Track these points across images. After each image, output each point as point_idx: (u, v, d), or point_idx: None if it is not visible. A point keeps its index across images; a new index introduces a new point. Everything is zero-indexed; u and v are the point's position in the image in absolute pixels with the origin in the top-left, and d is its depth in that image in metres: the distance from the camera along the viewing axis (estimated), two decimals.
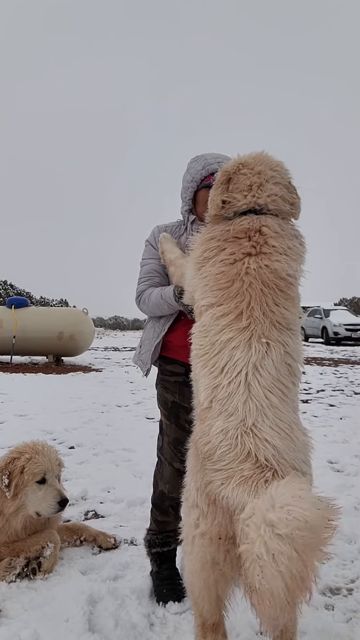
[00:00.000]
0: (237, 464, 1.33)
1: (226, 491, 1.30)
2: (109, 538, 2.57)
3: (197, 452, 1.49)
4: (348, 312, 22.99)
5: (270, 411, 1.44)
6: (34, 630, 1.81)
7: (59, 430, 5.06)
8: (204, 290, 1.70)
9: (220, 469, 1.35)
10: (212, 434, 1.42)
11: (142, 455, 4.23)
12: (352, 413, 6.34)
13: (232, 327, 1.58)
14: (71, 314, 12.44)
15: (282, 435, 1.40)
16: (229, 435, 1.38)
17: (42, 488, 2.34)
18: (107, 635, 1.84)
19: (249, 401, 1.43)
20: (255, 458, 1.32)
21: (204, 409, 1.50)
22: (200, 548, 1.41)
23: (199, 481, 1.44)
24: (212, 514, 1.39)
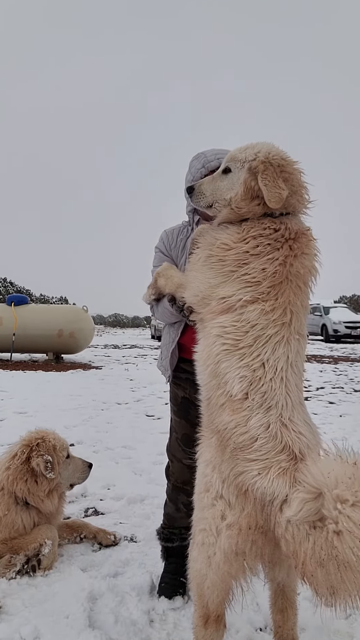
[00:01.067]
0: (273, 454, 1.36)
1: (263, 481, 1.31)
2: (109, 535, 2.58)
3: (222, 442, 1.48)
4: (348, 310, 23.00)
5: (300, 407, 1.52)
6: (34, 626, 1.82)
7: (59, 427, 5.05)
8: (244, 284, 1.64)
9: (256, 459, 1.36)
10: (251, 425, 1.42)
11: (142, 452, 4.25)
12: (352, 410, 6.35)
13: (277, 322, 1.59)
14: (71, 312, 12.45)
15: (309, 428, 1.48)
16: (270, 428, 1.41)
17: (68, 462, 2.47)
18: (107, 631, 1.84)
19: (287, 397, 1.48)
20: (290, 450, 1.36)
21: (237, 399, 1.49)
22: (227, 539, 1.40)
23: (226, 471, 1.43)
24: (240, 504, 1.38)
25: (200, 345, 1.73)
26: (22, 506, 2.34)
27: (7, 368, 10.61)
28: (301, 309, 1.65)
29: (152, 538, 2.63)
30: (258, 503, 1.33)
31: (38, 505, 2.33)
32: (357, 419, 5.82)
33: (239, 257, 1.70)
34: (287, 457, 1.35)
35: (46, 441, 2.40)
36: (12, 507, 2.32)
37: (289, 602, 1.68)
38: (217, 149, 2.18)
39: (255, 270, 1.66)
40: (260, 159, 1.66)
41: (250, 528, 1.36)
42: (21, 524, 2.33)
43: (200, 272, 1.78)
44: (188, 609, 2.01)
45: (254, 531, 1.36)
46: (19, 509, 2.33)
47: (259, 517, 1.34)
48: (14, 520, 2.31)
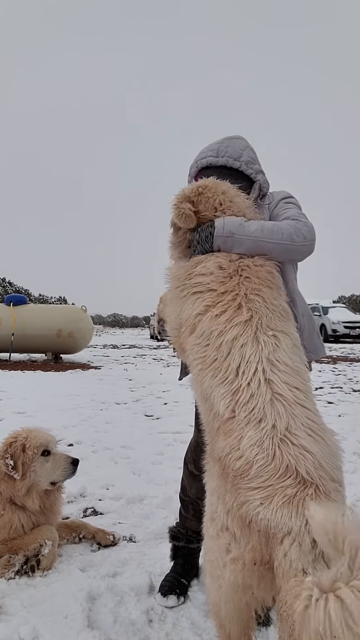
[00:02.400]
0: (276, 479, 1.22)
1: (267, 512, 1.19)
2: (108, 535, 2.57)
3: (223, 470, 1.35)
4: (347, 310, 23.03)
5: (298, 409, 1.35)
6: (33, 626, 1.82)
7: (58, 427, 5.06)
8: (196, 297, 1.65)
9: (258, 487, 1.23)
10: (244, 447, 1.30)
11: (141, 452, 4.24)
12: (351, 410, 6.36)
13: (234, 322, 1.52)
14: (70, 312, 12.45)
15: (316, 438, 1.31)
16: (264, 446, 1.27)
17: (48, 459, 2.41)
18: (106, 631, 1.84)
19: (275, 401, 1.34)
20: (296, 472, 1.22)
21: (226, 419, 1.38)
22: (232, 573, 1.29)
23: (230, 502, 1.30)
24: (245, 537, 1.26)
25: (191, 374, 1.70)
26: (19, 507, 2.35)
27: (6, 368, 10.60)
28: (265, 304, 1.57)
29: (151, 538, 2.63)
30: (263, 535, 1.21)
31: (22, 504, 2.34)
32: (356, 418, 5.82)
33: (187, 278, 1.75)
34: (292, 481, 1.21)
35: (17, 441, 2.39)
36: (7, 507, 2.32)
37: None
38: (211, 145, 2.11)
39: (198, 283, 1.69)
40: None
41: (255, 563, 1.24)
42: (19, 524, 2.32)
43: (169, 307, 1.84)
44: (187, 609, 2.01)
45: (260, 567, 1.24)
46: (14, 508, 2.33)
47: (265, 552, 1.21)
48: (11, 520, 2.31)
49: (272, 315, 1.57)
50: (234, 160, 2.01)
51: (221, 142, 2.08)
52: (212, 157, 2.04)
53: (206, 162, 2.05)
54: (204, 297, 1.63)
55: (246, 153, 2.05)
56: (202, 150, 2.12)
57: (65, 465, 2.43)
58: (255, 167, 2.05)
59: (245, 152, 2.05)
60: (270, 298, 1.62)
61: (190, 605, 2.04)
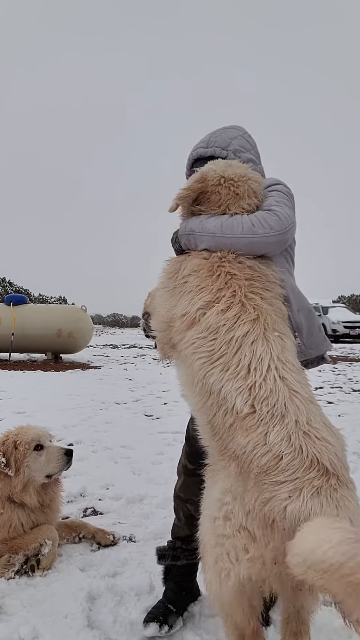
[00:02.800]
0: (302, 472, 1.23)
1: (296, 504, 1.19)
2: (108, 535, 2.57)
3: (243, 469, 1.33)
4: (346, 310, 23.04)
5: (312, 406, 1.38)
6: (33, 626, 1.82)
7: (58, 427, 5.06)
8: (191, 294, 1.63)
9: (284, 481, 1.23)
10: (271, 442, 1.29)
11: (141, 452, 4.24)
12: (351, 410, 6.36)
13: (242, 319, 1.51)
14: (70, 311, 12.45)
15: (330, 431, 1.35)
16: (292, 440, 1.28)
17: (42, 453, 2.41)
18: (106, 631, 1.84)
19: (294, 397, 1.35)
20: (320, 464, 1.24)
21: (245, 415, 1.36)
22: (247, 570, 1.27)
23: (251, 502, 1.27)
24: (266, 537, 1.24)
25: (180, 370, 1.66)
26: (18, 505, 2.35)
27: (6, 368, 10.60)
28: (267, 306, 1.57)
29: (151, 538, 2.63)
30: (286, 535, 1.19)
31: (20, 500, 2.34)
32: (356, 418, 5.82)
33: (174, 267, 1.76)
34: (317, 473, 1.23)
35: (8, 439, 2.40)
36: (7, 506, 2.32)
37: (304, 627, 1.55)
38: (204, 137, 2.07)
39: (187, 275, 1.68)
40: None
41: (276, 562, 1.24)
42: (18, 522, 2.32)
43: (158, 301, 1.81)
44: (188, 611, 2.00)
45: (280, 565, 1.22)
46: (13, 506, 2.33)
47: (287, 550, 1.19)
48: (10, 518, 2.31)
49: (274, 317, 1.57)
50: (222, 150, 1.96)
51: (213, 132, 2.05)
52: (202, 149, 2.02)
53: (196, 154, 2.04)
54: (202, 292, 1.61)
55: (236, 142, 1.98)
56: (196, 143, 2.09)
57: (59, 457, 2.42)
58: (245, 156, 1.97)
59: (235, 141, 1.98)
60: (267, 296, 1.61)
61: (191, 605, 2.04)
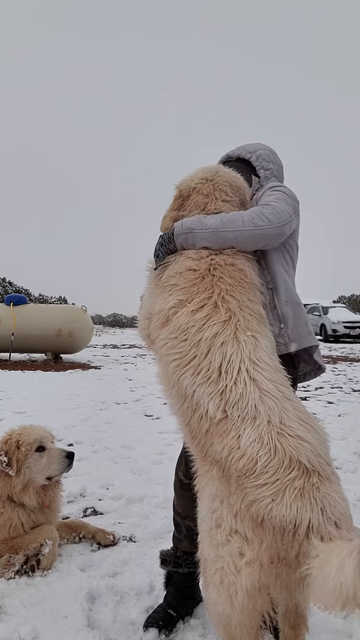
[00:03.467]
0: (282, 473, 1.22)
1: (280, 508, 1.18)
2: (108, 535, 2.57)
3: (224, 472, 1.33)
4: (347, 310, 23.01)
5: (287, 403, 1.37)
6: (33, 626, 1.82)
7: (58, 427, 5.06)
8: (170, 292, 1.64)
9: (265, 483, 1.23)
10: (244, 445, 1.29)
11: (141, 452, 4.24)
12: (351, 410, 6.36)
13: (212, 320, 1.50)
14: (70, 311, 12.44)
15: (308, 427, 1.34)
16: (265, 441, 1.27)
17: (43, 455, 2.41)
18: (105, 631, 1.84)
19: (264, 397, 1.35)
20: (298, 462, 1.23)
21: (218, 420, 1.37)
22: (248, 577, 1.25)
23: (237, 504, 1.27)
24: (258, 537, 1.23)
25: (159, 368, 1.65)
26: (18, 505, 2.35)
27: (6, 368, 10.59)
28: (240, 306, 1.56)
29: (151, 538, 2.63)
30: (277, 532, 1.19)
31: (19, 501, 2.34)
32: (356, 418, 5.82)
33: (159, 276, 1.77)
34: (298, 472, 1.22)
35: (11, 438, 2.40)
36: (7, 505, 2.33)
37: (302, 619, 1.56)
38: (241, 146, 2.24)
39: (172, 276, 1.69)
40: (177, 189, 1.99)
41: (272, 562, 1.22)
42: (18, 522, 2.33)
43: (145, 296, 1.86)
44: None
45: (277, 564, 1.21)
46: (13, 506, 2.34)
47: (280, 548, 1.20)
48: (11, 518, 2.31)
49: (249, 317, 1.56)
50: (247, 152, 2.14)
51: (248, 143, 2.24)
52: (232, 150, 2.21)
53: (226, 156, 2.21)
54: (177, 293, 1.62)
55: (263, 152, 2.14)
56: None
57: (60, 460, 2.42)
58: (268, 165, 2.12)
59: (262, 151, 2.14)
60: (245, 300, 1.61)
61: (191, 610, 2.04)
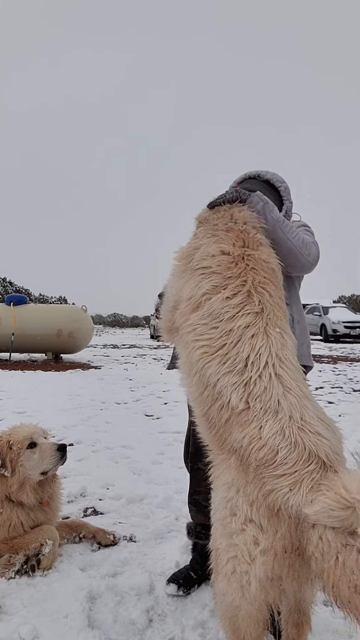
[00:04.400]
0: (301, 465, 1.24)
1: (297, 498, 1.20)
2: (108, 535, 2.57)
3: (243, 462, 1.34)
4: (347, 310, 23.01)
5: (308, 402, 1.40)
6: (33, 626, 1.82)
7: (58, 427, 5.07)
8: (202, 276, 1.63)
9: (284, 474, 1.25)
10: (266, 436, 1.31)
11: (141, 452, 4.24)
12: (351, 410, 6.36)
13: (246, 309, 1.51)
14: (70, 311, 12.44)
15: (326, 426, 1.36)
16: (286, 434, 1.29)
17: (35, 451, 2.39)
18: (106, 631, 1.84)
19: (288, 394, 1.37)
20: (317, 457, 1.26)
21: (240, 411, 1.38)
22: (262, 566, 1.25)
23: (254, 493, 1.29)
24: (273, 527, 1.25)
25: (181, 356, 1.66)
26: (17, 504, 2.35)
27: (6, 368, 10.59)
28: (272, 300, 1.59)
29: (152, 538, 2.64)
30: (292, 522, 1.21)
31: (17, 500, 2.34)
32: (356, 418, 5.82)
33: (189, 252, 1.75)
34: (315, 466, 1.24)
35: (2, 439, 2.39)
36: (6, 505, 2.33)
37: (305, 617, 1.57)
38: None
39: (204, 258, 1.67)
40: None
41: (286, 551, 1.23)
42: (17, 521, 2.32)
43: (169, 282, 1.85)
44: (189, 609, 2.01)
45: (291, 554, 1.23)
46: (12, 506, 2.34)
47: (294, 538, 1.22)
48: (10, 517, 2.31)
49: (279, 314, 1.58)
50: (278, 182, 2.32)
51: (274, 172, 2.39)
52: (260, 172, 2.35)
53: (255, 173, 2.35)
54: (210, 277, 1.61)
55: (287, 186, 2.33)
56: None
57: (52, 453, 2.40)
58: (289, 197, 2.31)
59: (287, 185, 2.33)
60: (276, 297, 1.62)
61: (191, 605, 2.04)
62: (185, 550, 2.44)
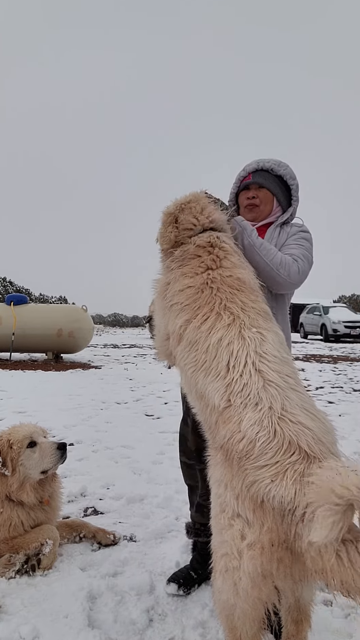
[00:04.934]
0: (282, 456, 1.24)
1: (279, 489, 1.19)
2: (108, 534, 2.57)
3: (227, 456, 1.37)
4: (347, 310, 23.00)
5: (292, 393, 1.41)
6: (33, 626, 1.82)
7: (58, 427, 5.07)
8: (176, 311, 1.77)
9: (265, 465, 1.25)
10: (244, 428, 1.33)
11: (142, 452, 4.24)
12: (351, 410, 6.35)
13: (216, 327, 1.62)
14: (70, 311, 12.44)
15: (312, 416, 1.36)
16: (264, 424, 1.30)
17: (35, 450, 2.40)
18: (106, 631, 1.85)
19: (268, 386, 1.40)
20: (298, 447, 1.24)
21: (223, 409, 1.44)
22: (250, 561, 1.24)
23: (239, 486, 1.30)
24: (259, 519, 1.24)
25: (181, 378, 1.81)
26: (17, 503, 2.35)
27: (7, 367, 10.60)
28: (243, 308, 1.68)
29: (152, 537, 2.64)
30: (277, 514, 1.20)
31: (18, 499, 2.34)
32: (357, 418, 5.82)
33: (163, 289, 1.90)
34: (298, 456, 1.23)
35: (2, 439, 2.40)
36: (6, 505, 2.33)
37: (305, 615, 1.56)
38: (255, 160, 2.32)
39: (174, 295, 1.82)
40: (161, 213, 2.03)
41: (273, 545, 1.22)
42: (18, 520, 2.33)
43: (157, 316, 2.00)
44: (189, 608, 2.01)
45: (278, 548, 1.21)
46: (12, 505, 2.34)
47: (281, 531, 1.20)
48: (10, 517, 2.31)
49: (254, 316, 1.67)
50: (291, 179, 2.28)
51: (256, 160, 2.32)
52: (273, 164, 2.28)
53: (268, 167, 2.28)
54: (182, 312, 1.76)
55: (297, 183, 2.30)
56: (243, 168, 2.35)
57: (52, 452, 2.41)
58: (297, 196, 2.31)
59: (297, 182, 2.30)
60: (248, 302, 1.71)
61: (192, 604, 2.04)
62: (185, 550, 2.44)
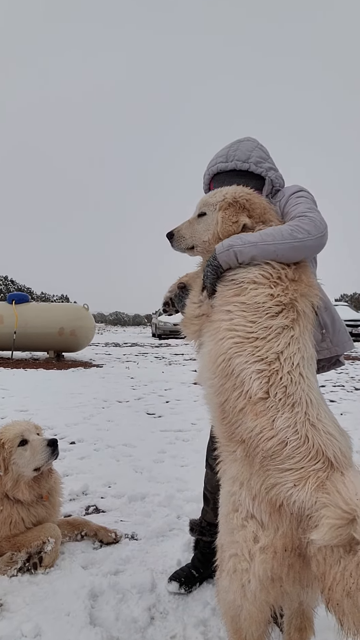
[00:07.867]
0: (308, 462, 1.23)
1: (301, 494, 1.18)
2: (110, 533, 2.58)
3: (248, 453, 1.33)
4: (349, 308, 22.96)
5: (324, 404, 1.41)
6: (35, 624, 1.83)
7: (60, 425, 5.08)
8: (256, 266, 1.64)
9: (290, 468, 1.23)
10: (278, 427, 1.30)
11: (143, 450, 4.25)
12: (353, 409, 6.35)
13: (287, 316, 1.53)
14: (72, 310, 12.46)
15: (338, 428, 1.36)
16: (298, 428, 1.29)
17: (27, 448, 2.39)
18: (108, 629, 1.85)
19: (310, 392, 1.39)
20: (324, 456, 1.24)
21: (257, 399, 1.37)
22: (261, 564, 1.23)
23: (257, 486, 1.27)
24: (274, 523, 1.22)
25: (208, 343, 1.61)
26: (16, 501, 2.36)
27: (8, 366, 10.62)
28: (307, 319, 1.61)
29: (153, 536, 2.64)
30: (294, 519, 1.19)
31: (14, 497, 2.35)
32: (358, 417, 5.82)
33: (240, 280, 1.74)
34: (322, 465, 1.23)
35: None
36: (5, 503, 2.33)
37: (309, 621, 1.55)
38: (221, 151, 2.13)
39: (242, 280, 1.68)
40: (228, 200, 1.81)
41: (286, 550, 1.21)
42: (18, 517, 2.33)
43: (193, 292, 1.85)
44: (190, 607, 2.02)
45: (290, 553, 1.21)
46: (11, 503, 2.34)
47: (295, 537, 1.19)
48: (10, 514, 2.32)
49: (310, 327, 1.61)
50: (243, 163, 2.04)
51: (230, 146, 2.11)
52: (222, 163, 2.08)
53: (216, 169, 2.10)
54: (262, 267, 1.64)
55: (255, 153, 2.06)
56: (213, 157, 2.15)
57: (42, 449, 2.38)
58: (266, 165, 2.06)
59: (254, 152, 2.06)
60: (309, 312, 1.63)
61: (193, 603, 2.05)
62: (187, 548, 2.45)
